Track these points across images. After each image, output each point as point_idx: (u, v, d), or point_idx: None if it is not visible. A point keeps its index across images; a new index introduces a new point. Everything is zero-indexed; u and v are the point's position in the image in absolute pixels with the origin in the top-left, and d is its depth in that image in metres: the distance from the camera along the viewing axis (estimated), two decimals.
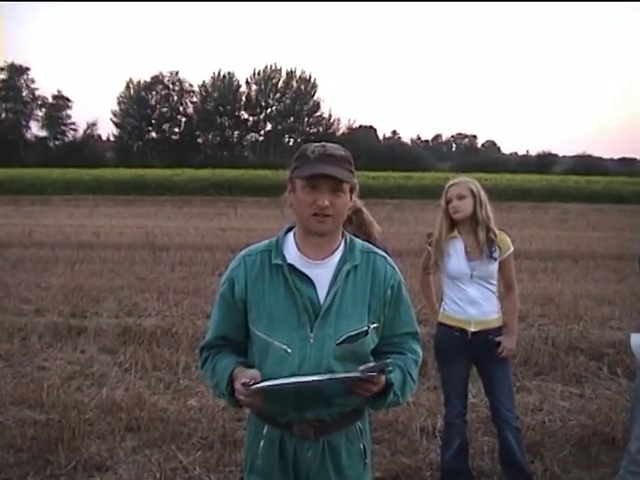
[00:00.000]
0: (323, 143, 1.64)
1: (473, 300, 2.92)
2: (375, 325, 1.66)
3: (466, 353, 2.97)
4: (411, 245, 10.98)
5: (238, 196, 29.04)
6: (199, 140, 55.53)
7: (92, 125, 52.01)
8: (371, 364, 1.56)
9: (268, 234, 1.70)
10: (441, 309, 3.08)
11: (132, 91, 53.75)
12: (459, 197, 2.93)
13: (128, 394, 4.28)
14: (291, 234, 1.72)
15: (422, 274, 3.19)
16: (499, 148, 72.39)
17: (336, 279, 1.63)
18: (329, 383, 1.55)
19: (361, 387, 1.57)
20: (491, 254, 2.92)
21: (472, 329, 2.93)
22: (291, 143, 55.53)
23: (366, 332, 1.64)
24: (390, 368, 1.57)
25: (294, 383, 1.54)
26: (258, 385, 1.54)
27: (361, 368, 1.54)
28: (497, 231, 2.99)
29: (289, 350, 1.60)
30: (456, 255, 2.93)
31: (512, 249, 3.02)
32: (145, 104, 53.36)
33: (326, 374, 1.56)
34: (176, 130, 55.31)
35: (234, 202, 24.68)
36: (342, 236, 1.70)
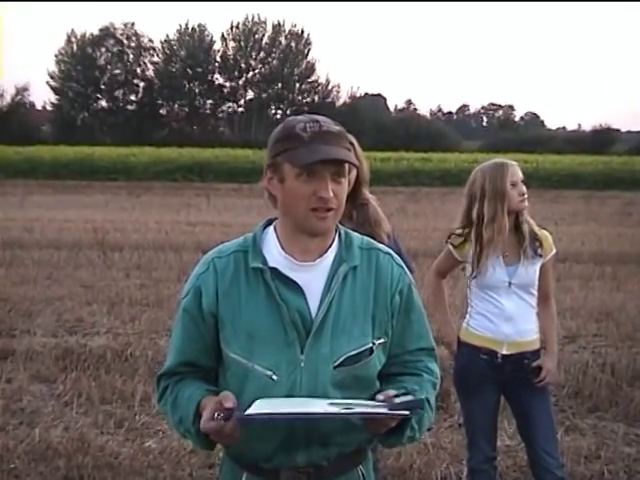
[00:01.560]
0: (315, 116, 1.63)
1: (509, 315, 2.93)
2: (382, 341, 1.68)
3: (495, 382, 2.98)
4: (429, 245, 11.01)
5: (211, 182, 29.11)
6: (162, 111, 55.67)
7: (22, 90, 51.33)
8: (400, 397, 1.53)
9: (249, 230, 1.70)
10: (464, 325, 3.09)
11: (75, 47, 53.60)
12: (522, 181, 2.96)
13: (68, 435, 4.26)
14: (271, 229, 1.72)
15: (435, 278, 3.21)
16: (542, 122, 72.91)
17: (331, 285, 1.64)
18: (329, 417, 1.54)
19: (382, 423, 1.56)
20: (534, 257, 2.95)
21: (504, 351, 2.94)
22: (278, 115, 55.66)
23: (371, 350, 1.65)
24: (420, 409, 1.56)
25: (293, 415, 1.50)
26: (249, 413, 1.48)
27: (381, 397, 1.53)
28: (538, 229, 3.01)
29: (274, 377, 1.61)
30: (493, 261, 2.94)
31: (555, 251, 3.04)
32: (92, 64, 53.29)
33: (338, 407, 1.51)
34: (132, 98, 55.40)
35: (206, 190, 24.69)
36: (335, 230, 1.71)
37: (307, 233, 1.64)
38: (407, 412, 1.50)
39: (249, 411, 1.49)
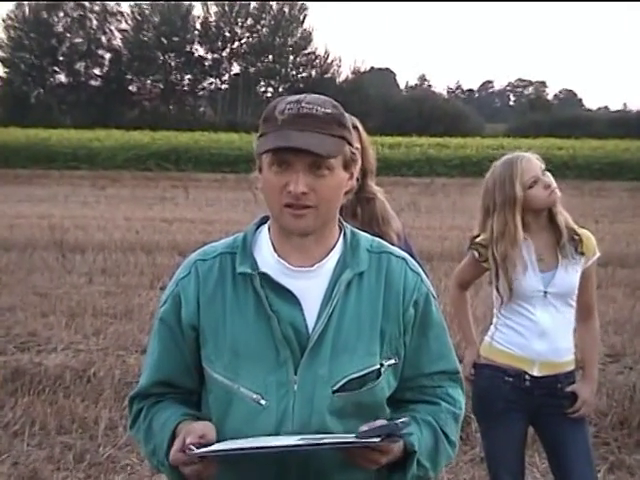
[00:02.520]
0: (301, 96, 1.64)
1: (543, 330, 2.91)
2: (392, 362, 1.68)
3: (522, 408, 2.96)
4: (446, 245, 11.03)
5: (190, 171, 29.15)
6: (131, 87, 55.79)
7: None
8: (378, 422, 1.54)
9: (234, 229, 1.70)
10: (487, 340, 3.07)
11: (27, 11, 53.63)
12: (543, 171, 2.94)
13: (17, 471, 4.24)
14: (265, 229, 1.73)
15: (456, 289, 3.20)
16: (580, 101, 73.11)
17: (332, 294, 1.64)
18: (318, 451, 1.55)
19: (364, 457, 1.56)
20: (575, 257, 2.93)
21: (535, 372, 2.93)
22: (269, 94, 55.82)
23: (378, 373, 1.65)
24: (405, 429, 1.54)
25: (262, 449, 1.52)
26: (203, 450, 1.51)
27: (363, 428, 1.53)
28: (576, 227, 2.99)
29: (262, 401, 1.62)
30: (524, 264, 2.94)
31: (598, 254, 3.01)
32: (48, 31, 53.35)
33: (313, 436, 1.55)
34: (96, 72, 55.51)
35: (184, 180, 24.72)
36: (340, 230, 1.72)
37: (286, 232, 1.65)
38: (377, 439, 1.50)
39: (215, 447, 1.53)
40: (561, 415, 2.95)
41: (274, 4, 56.57)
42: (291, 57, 57.49)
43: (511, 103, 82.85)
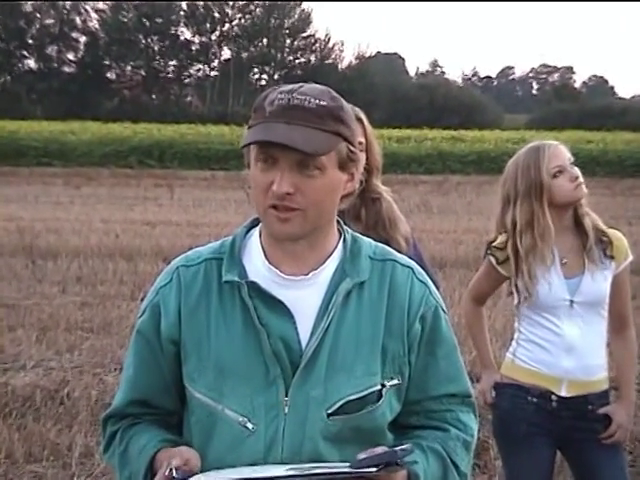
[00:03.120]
0: (295, 86, 1.62)
1: (571, 345, 2.90)
2: (395, 382, 1.68)
3: (549, 433, 2.94)
4: (460, 251, 11.03)
5: (175, 168, 29.15)
6: (109, 75, 55.86)
7: None
8: (378, 449, 1.55)
9: (225, 232, 1.70)
10: (508, 356, 3.07)
11: None
12: (571, 163, 2.92)
13: None
14: (256, 232, 1.74)
15: (471, 304, 3.19)
16: (612, 89, 73.11)
17: (328, 306, 1.64)
18: None
19: None
20: (604, 262, 2.91)
21: (562, 393, 2.92)
22: (263, 82, 55.87)
23: (379, 394, 1.65)
24: (406, 457, 1.54)
25: None
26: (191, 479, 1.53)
27: (361, 456, 1.53)
28: (605, 227, 2.98)
29: (249, 425, 1.62)
30: (547, 270, 2.94)
31: (631, 257, 3.00)
32: (15, 11, 53.37)
33: (304, 465, 1.55)
34: (70, 57, 55.59)
35: (169, 179, 24.73)
36: (339, 234, 1.73)
37: (272, 236, 1.66)
38: (374, 469, 1.50)
39: (200, 476, 1.55)
40: (593, 440, 2.92)
41: None
42: (288, 41, 57.60)
43: (534, 91, 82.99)
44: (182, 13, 56.36)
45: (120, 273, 9.95)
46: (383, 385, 1.65)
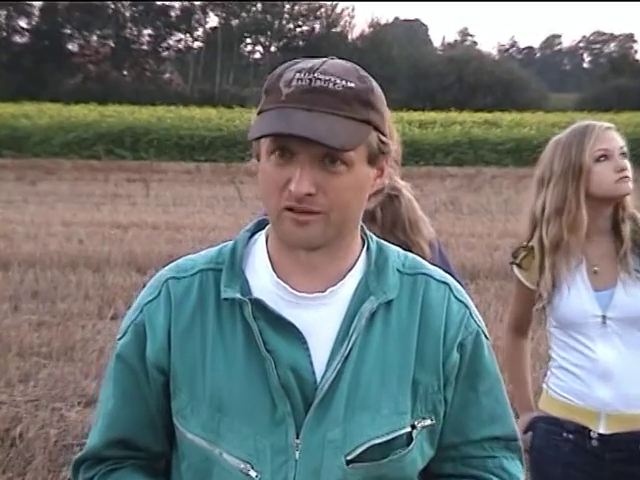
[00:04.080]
0: (317, 62, 1.60)
1: (606, 370, 2.90)
2: (427, 423, 1.67)
3: (589, 476, 2.94)
4: (496, 258, 11.01)
5: (152, 160, 29.13)
6: (71, 46, 55.92)
7: None
8: None
9: (212, 237, 1.70)
10: (544, 387, 3.09)
11: None
12: (622, 153, 2.91)
13: None
14: (261, 238, 1.73)
15: (510, 334, 3.20)
16: None
17: (349, 330, 1.63)
18: None
19: None
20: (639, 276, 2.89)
21: (602, 429, 2.92)
22: (257, 54, 55.95)
23: (409, 438, 1.65)
24: None
25: None
26: None
27: None
28: None
29: (252, 472, 1.61)
30: (572, 278, 2.93)
31: None
32: None
33: None
34: (23, 25, 55.62)
35: (144, 171, 24.72)
36: (362, 242, 1.72)
37: (285, 243, 1.64)
38: None
39: None
40: None
41: None
42: (287, 5, 57.62)
43: (585, 65, 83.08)
44: None
45: (85, 286, 9.93)
46: (414, 426, 1.65)
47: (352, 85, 1.57)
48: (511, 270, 3.10)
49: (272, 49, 55.29)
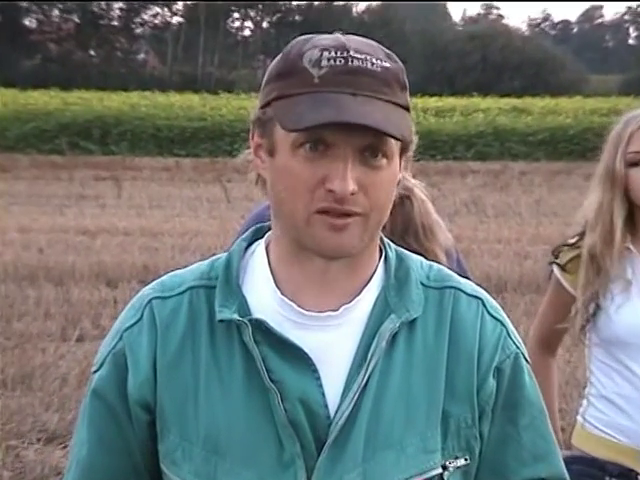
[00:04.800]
0: (340, 38, 1.59)
1: None
2: (461, 462, 1.67)
3: None
4: (526, 267, 11.04)
5: (125, 154, 29.08)
6: (28, 22, 55.96)
7: None
8: None
9: (195, 244, 1.70)
10: (578, 420, 3.08)
11: None
12: None
13: None
14: (260, 249, 1.73)
15: (537, 348, 3.18)
16: None
17: (366, 355, 1.62)
18: None
19: None
20: None
21: None
22: (246, 32, 55.87)
23: (440, 479, 1.65)
24: None
25: None
26: None
27: None
28: None
29: None
30: (627, 292, 2.94)
31: None
32: None
33: None
34: None
35: (115, 168, 24.69)
36: (380, 252, 1.72)
37: (313, 252, 1.62)
38: None
39: None
40: None
41: None
42: None
43: (631, 41, 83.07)
44: None
45: (45, 303, 9.93)
46: (445, 467, 1.64)
47: (388, 65, 1.57)
48: (549, 271, 3.07)
49: (264, 25, 55.36)
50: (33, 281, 10.92)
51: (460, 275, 2.50)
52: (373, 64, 1.55)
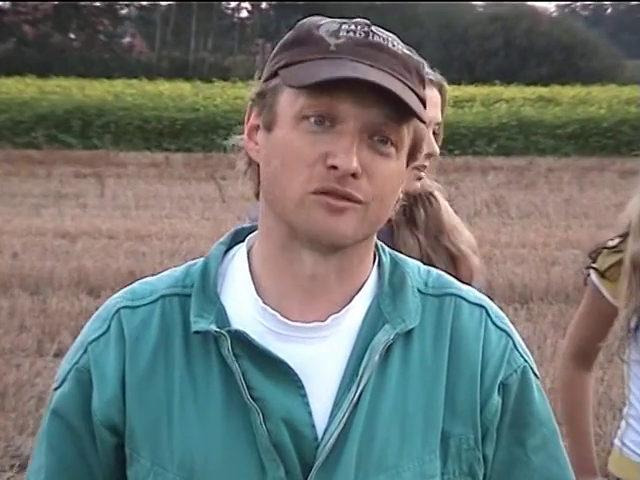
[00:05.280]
0: (360, 20, 1.59)
1: None
2: None
3: None
4: (554, 275, 10.99)
5: (108, 148, 29.09)
6: (6, 5, 56.03)
7: None
8: None
9: (186, 247, 1.70)
10: (616, 444, 3.08)
11: None
12: None
13: None
14: (241, 252, 1.73)
15: (570, 365, 3.21)
16: None
17: (357, 369, 1.61)
18: None
19: None
20: None
21: None
22: (243, 13, 55.86)
23: None
24: None
25: None
26: None
27: None
28: None
29: None
30: None
31: None
32: None
33: None
34: None
35: (97, 164, 24.71)
36: (374, 256, 1.72)
37: (304, 239, 1.61)
38: None
39: None
40: None
41: None
42: None
43: None
44: None
45: (20, 314, 9.95)
46: None
47: (409, 53, 1.60)
48: (585, 276, 3.07)
49: (263, 6, 55.36)
50: (6, 289, 10.94)
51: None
52: (394, 46, 1.57)
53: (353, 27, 1.56)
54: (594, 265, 3.04)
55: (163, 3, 57.07)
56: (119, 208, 17.97)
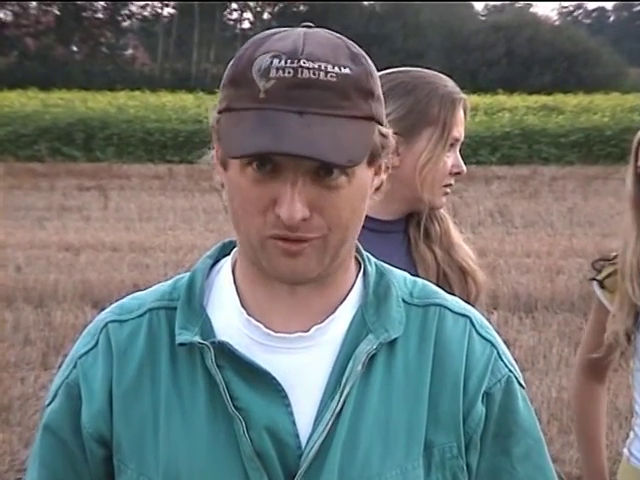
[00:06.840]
0: (297, 40, 1.55)
1: None
2: None
3: None
4: (559, 284, 11.01)
5: (112, 161, 29.10)
6: (2, 14, 56.14)
7: None
8: None
9: (189, 259, 1.71)
10: (624, 453, 3.09)
11: None
12: None
13: None
14: (226, 266, 1.75)
15: (582, 376, 3.21)
16: None
17: (340, 379, 1.63)
18: None
19: None
20: None
21: None
22: (245, 24, 55.84)
23: None
24: None
25: None
26: None
27: None
28: None
29: None
30: None
31: None
32: None
33: None
34: None
35: (101, 177, 24.73)
36: (359, 266, 1.74)
37: (272, 276, 1.62)
38: None
39: None
40: None
41: None
42: None
43: None
44: None
45: (24, 328, 9.97)
46: None
47: (348, 71, 1.55)
48: (591, 289, 3.10)
49: (265, 16, 55.40)
50: (10, 303, 10.93)
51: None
52: (328, 73, 1.53)
53: (283, 63, 1.52)
54: (597, 277, 3.05)
55: (165, 14, 57.11)
56: (123, 220, 17.95)
